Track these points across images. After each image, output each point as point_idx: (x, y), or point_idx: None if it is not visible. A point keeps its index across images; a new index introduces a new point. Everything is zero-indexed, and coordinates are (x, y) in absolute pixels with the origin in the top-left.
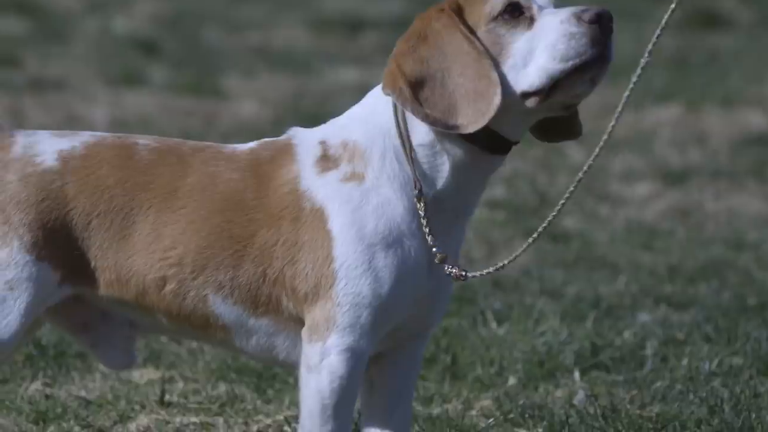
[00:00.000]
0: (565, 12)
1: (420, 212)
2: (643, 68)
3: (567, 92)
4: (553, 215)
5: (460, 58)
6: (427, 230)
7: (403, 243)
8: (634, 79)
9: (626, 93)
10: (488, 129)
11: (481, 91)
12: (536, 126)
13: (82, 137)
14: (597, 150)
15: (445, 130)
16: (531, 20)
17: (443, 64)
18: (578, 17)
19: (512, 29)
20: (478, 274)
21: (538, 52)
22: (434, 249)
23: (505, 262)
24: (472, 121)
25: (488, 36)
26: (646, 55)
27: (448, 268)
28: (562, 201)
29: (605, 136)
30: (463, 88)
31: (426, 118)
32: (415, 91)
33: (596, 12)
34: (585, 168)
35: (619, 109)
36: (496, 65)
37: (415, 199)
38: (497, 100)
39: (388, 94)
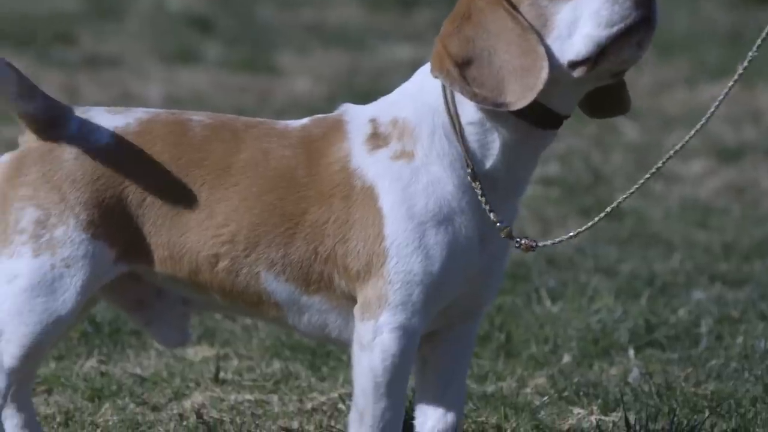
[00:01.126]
0: None
1: (477, 191)
2: (750, 61)
3: (615, 59)
4: (646, 179)
5: (504, 35)
6: (487, 207)
7: (454, 220)
8: (743, 64)
9: (734, 78)
10: (538, 104)
11: (527, 67)
12: (585, 102)
13: (136, 114)
14: (710, 112)
15: (494, 108)
16: None
17: (488, 42)
18: None
19: (554, 1)
20: (549, 242)
21: (582, 21)
22: (498, 224)
23: (580, 230)
24: (520, 97)
25: (531, 10)
26: (751, 54)
27: (517, 241)
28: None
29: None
30: (509, 65)
31: (474, 97)
32: (463, 71)
33: None
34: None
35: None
36: (541, 38)
37: (469, 178)
38: (544, 74)
39: (436, 77)
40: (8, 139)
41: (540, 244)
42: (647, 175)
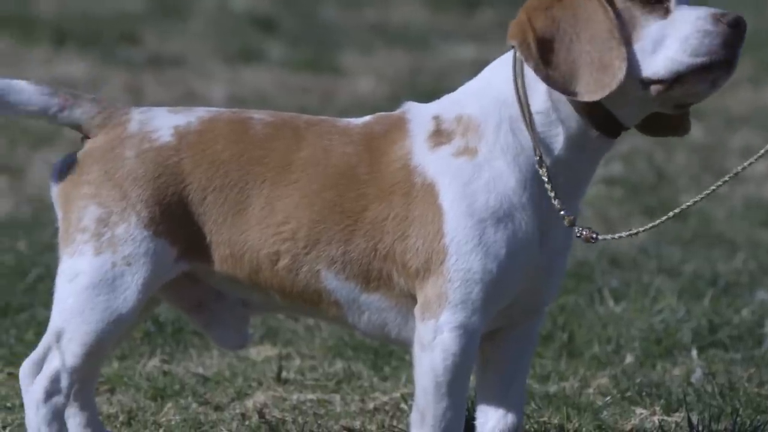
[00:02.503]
0: (704, 10)
1: (543, 177)
2: None
3: (688, 89)
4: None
5: (592, 26)
6: (552, 194)
7: (515, 217)
8: None
9: None
10: (602, 107)
11: (606, 63)
12: (643, 120)
13: (197, 113)
14: None
15: (563, 93)
16: (667, 10)
17: (574, 28)
18: (717, 18)
19: (647, 14)
20: (609, 236)
21: (669, 42)
22: (562, 212)
23: (641, 228)
24: (592, 90)
25: (624, 12)
26: None
27: (578, 230)
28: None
29: None
30: (589, 56)
31: (546, 78)
32: (541, 49)
33: (736, 17)
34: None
35: None
36: (625, 44)
37: (537, 165)
38: (621, 75)
39: (512, 45)
40: (72, 139)
41: (600, 237)
42: (722, 181)
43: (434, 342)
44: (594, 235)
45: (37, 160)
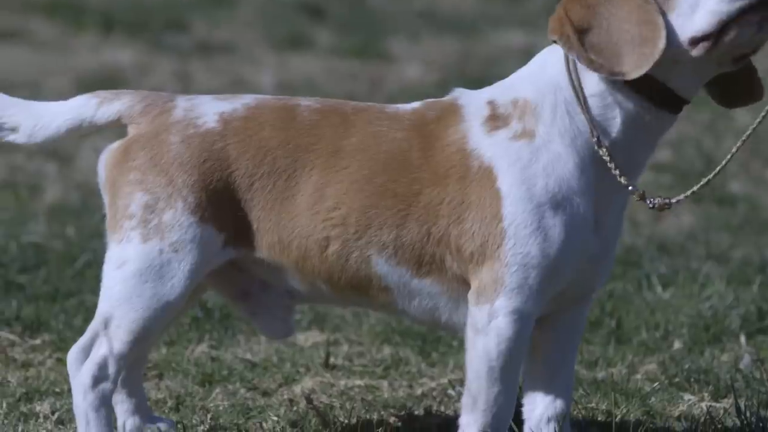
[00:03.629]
0: None
1: (605, 157)
2: None
3: (736, 37)
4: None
5: (625, 4)
6: (617, 172)
7: (572, 201)
8: None
9: None
10: (658, 82)
11: (645, 36)
12: (715, 90)
13: (243, 100)
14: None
15: (609, 76)
16: None
17: (609, 10)
18: None
19: None
20: (682, 196)
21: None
22: (630, 187)
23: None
24: (636, 66)
25: None
26: None
27: (650, 200)
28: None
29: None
30: (628, 34)
31: (591, 64)
32: (581, 38)
33: None
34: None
35: None
36: (662, 15)
37: (595, 148)
38: (661, 44)
39: (554, 41)
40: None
41: (673, 201)
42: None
43: (489, 326)
44: (668, 201)
45: (85, 146)
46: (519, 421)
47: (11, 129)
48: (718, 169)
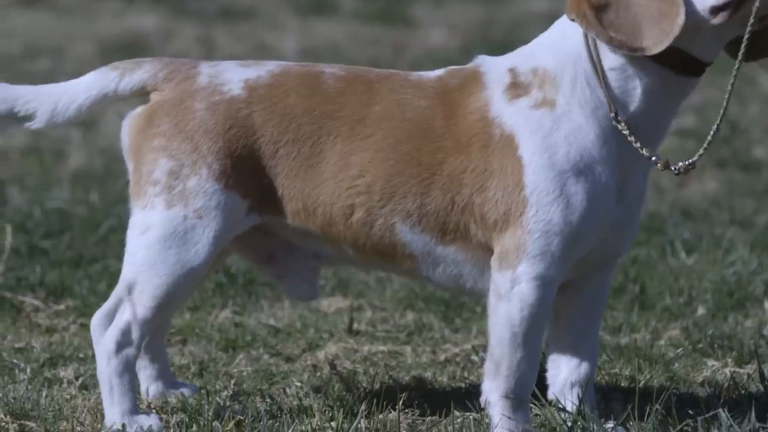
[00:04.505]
0: None
1: (624, 131)
2: None
3: (756, 2)
4: None
5: None
6: (638, 145)
7: (594, 169)
8: None
9: None
10: (679, 50)
11: (664, 11)
12: (733, 46)
13: (267, 66)
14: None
15: (630, 53)
16: None
17: None
18: None
19: None
20: (702, 150)
21: None
22: (653, 158)
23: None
24: (657, 41)
25: None
26: None
27: (674, 166)
28: None
29: None
30: (646, 10)
31: (610, 42)
32: (599, 15)
33: None
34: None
35: None
36: None
37: (613, 122)
38: (681, 19)
39: (572, 19)
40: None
41: (695, 158)
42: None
43: (512, 292)
44: (690, 162)
45: (109, 112)
46: (542, 386)
47: (26, 117)
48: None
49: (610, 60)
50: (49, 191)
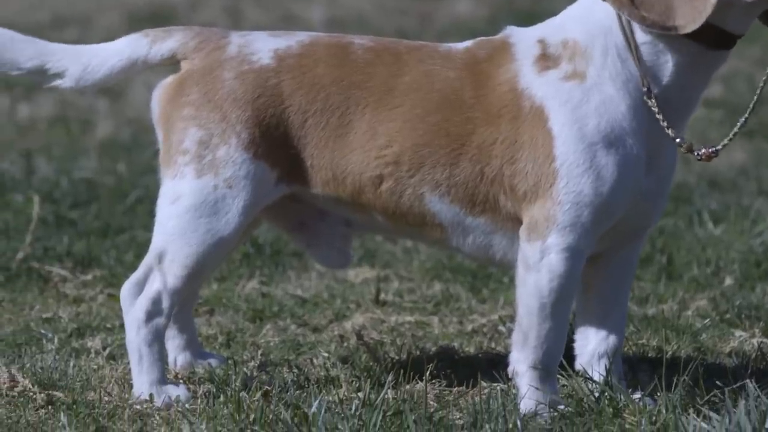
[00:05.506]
0: None
1: (654, 108)
2: None
3: None
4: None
5: None
6: (665, 124)
7: (625, 141)
8: None
9: None
10: (711, 25)
11: None
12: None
13: (297, 37)
14: None
15: (662, 32)
16: None
17: None
18: None
19: None
20: (725, 141)
21: None
22: (678, 140)
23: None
24: (690, 20)
25: None
26: None
27: (697, 151)
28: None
29: None
30: None
31: (643, 21)
32: None
33: None
34: None
35: None
36: None
37: (645, 98)
38: None
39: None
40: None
41: (719, 147)
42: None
43: (541, 263)
44: (713, 150)
45: (136, 82)
46: (570, 357)
47: (56, 74)
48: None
49: (642, 34)
50: (77, 161)
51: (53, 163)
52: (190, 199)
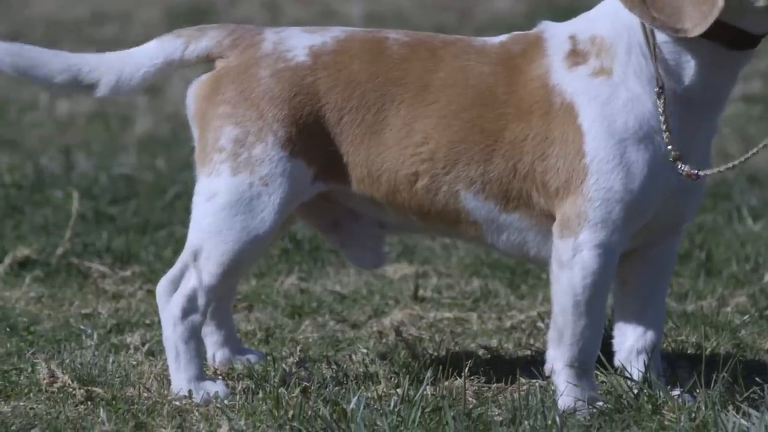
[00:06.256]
0: None
1: (659, 108)
2: None
3: None
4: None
5: None
6: (664, 127)
7: (653, 138)
8: None
9: None
10: (729, 26)
11: None
12: None
13: (332, 33)
14: None
15: (671, 33)
16: None
17: None
18: None
19: None
20: (709, 172)
21: None
22: (669, 147)
23: (736, 162)
24: (696, 24)
25: None
26: None
27: (681, 166)
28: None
29: None
30: None
31: (653, 22)
32: None
33: None
34: None
35: None
36: None
37: (655, 96)
38: (720, 2)
39: None
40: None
41: (701, 173)
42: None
43: (573, 260)
44: (694, 172)
45: (175, 78)
46: (609, 353)
47: (90, 85)
48: (750, 153)
49: (662, 33)
50: (116, 157)
51: (92, 159)
52: (226, 196)
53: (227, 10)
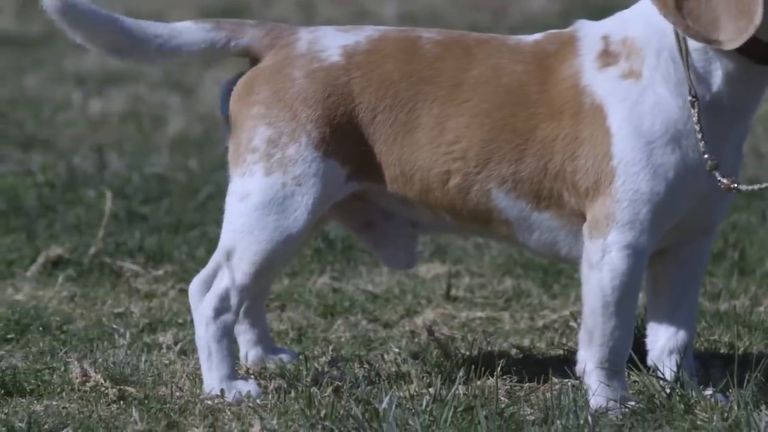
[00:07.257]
0: None
1: (693, 117)
2: None
3: None
4: None
5: None
6: (699, 136)
7: (681, 142)
8: None
9: None
10: (759, 41)
11: (743, 8)
12: None
13: (365, 32)
14: None
15: (705, 44)
16: None
17: None
18: None
19: None
20: (750, 188)
21: None
22: (706, 156)
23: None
24: (732, 37)
25: None
26: None
27: (719, 177)
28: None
29: None
30: (727, 3)
31: (687, 31)
32: (679, 3)
33: None
34: None
35: None
36: None
37: (689, 104)
38: (757, 19)
39: (653, 4)
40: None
41: (741, 187)
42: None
43: (602, 261)
44: (734, 185)
45: (207, 78)
46: (641, 352)
47: (128, 50)
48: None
49: (694, 41)
50: (148, 157)
51: (125, 158)
52: (259, 196)
53: (261, 9)
